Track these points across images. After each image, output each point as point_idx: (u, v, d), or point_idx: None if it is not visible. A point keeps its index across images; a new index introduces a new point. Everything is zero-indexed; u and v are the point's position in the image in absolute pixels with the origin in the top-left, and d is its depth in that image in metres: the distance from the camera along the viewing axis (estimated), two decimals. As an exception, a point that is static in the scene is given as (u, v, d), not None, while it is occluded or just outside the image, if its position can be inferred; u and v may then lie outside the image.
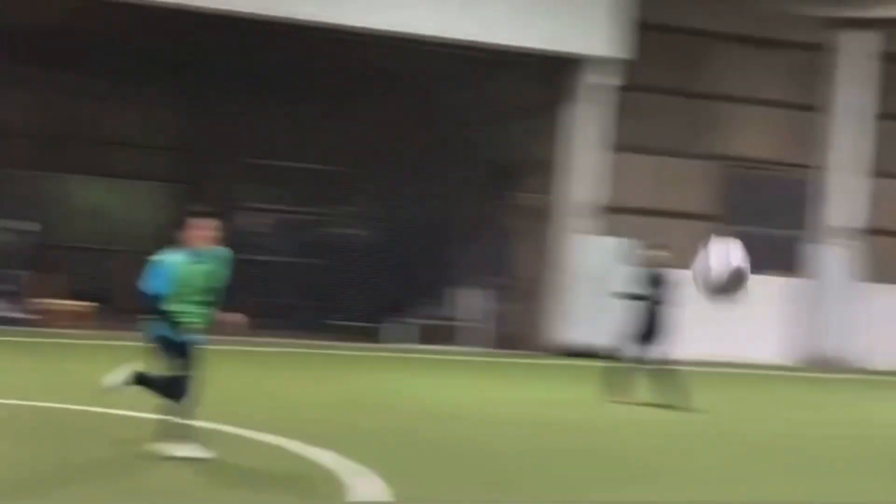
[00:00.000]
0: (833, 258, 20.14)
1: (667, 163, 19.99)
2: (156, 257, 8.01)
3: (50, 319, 18.05)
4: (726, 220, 20.05)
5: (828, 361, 19.79)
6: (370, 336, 19.54)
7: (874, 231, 20.57)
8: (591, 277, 18.08)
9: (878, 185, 20.63)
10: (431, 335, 19.44)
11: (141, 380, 8.24)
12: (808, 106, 20.52)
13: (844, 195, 20.28)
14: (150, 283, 7.98)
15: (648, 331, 12.41)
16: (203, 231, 8.03)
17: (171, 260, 8.00)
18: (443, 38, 17.88)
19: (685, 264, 11.47)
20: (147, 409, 8.64)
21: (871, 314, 20.12)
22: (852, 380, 18.64)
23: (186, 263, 8.00)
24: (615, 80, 18.58)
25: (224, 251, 8.18)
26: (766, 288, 20.20)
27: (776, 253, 20.66)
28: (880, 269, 20.35)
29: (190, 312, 8.02)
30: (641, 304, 12.40)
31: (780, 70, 20.51)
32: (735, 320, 19.62)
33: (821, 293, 20.01)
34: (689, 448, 10.64)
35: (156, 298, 7.95)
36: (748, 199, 20.65)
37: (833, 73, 20.39)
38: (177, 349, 8.01)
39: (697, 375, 16.53)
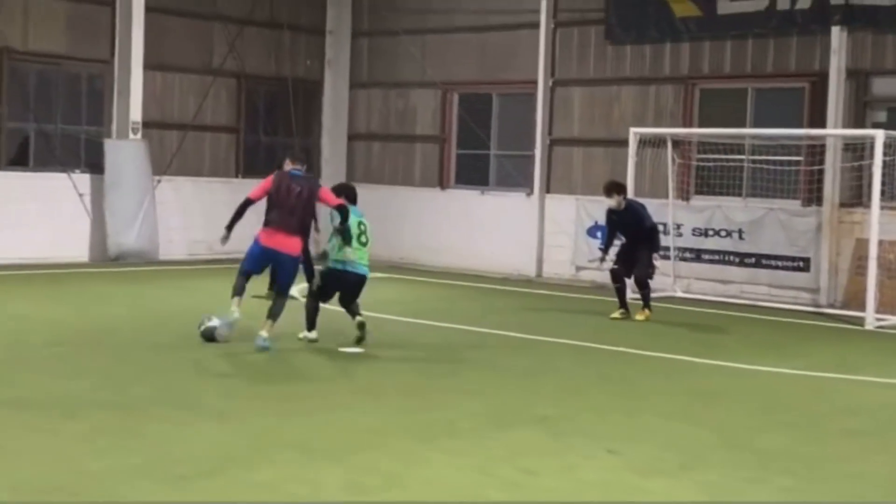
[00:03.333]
0: (128, 152, 20.20)
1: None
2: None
3: None
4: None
5: (127, 255, 19.98)
6: None
7: (157, 124, 20.95)
8: None
9: (157, 78, 20.99)
10: None
11: None
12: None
13: (134, 89, 20.33)
14: None
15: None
16: None
17: None
18: None
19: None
20: None
21: (163, 207, 20.64)
22: (150, 271, 19.07)
23: None
24: None
25: None
26: (63, 185, 19.92)
27: (73, 150, 20.34)
28: (163, 163, 20.94)
29: None
30: None
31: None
32: (35, 222, 19.26)
33: (117, 188, 20.03)
34: None
35: None
36: (39, 95, 19.98)
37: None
38: None
39: (8, 279, 16.23)
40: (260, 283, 13.44)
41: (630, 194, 17.64)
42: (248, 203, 11.87)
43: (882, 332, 15.19)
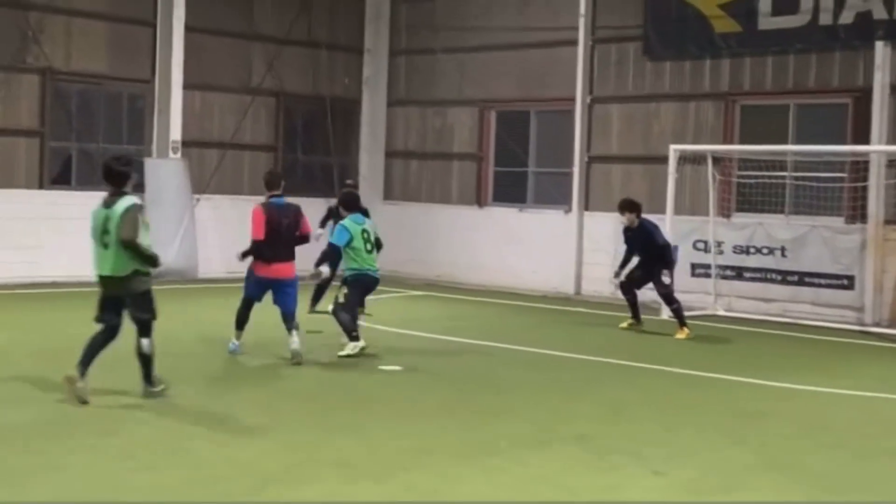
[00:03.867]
0: (168, 171, 20.31)
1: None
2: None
3: None
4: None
5: (166, 273, 20.02)
6: None
7: (196, 143, 21.04)
8: None
9: (197, 98, 21.09)
10: None
11: None
12: (135, 19, 20.44)
13: (174, 108, 20.47)
14: None
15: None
16: None
17: None
18: None
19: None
20: None
21: (202, 225, 20.70)
22: (190, 289, 19.14)
23: None
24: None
25: None
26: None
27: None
28: (202, 181, 21.05)
29: None
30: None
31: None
32: (77, 240, 19.39)
33: (157, 206, 20.11)
34: None
35: None
36: (81, 114, 20.15)
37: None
38: None
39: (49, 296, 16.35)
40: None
41: (669, 211, 17.57)
42: (261, 244, 12.18)
43: (928, 351, 14.99)
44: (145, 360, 9.97)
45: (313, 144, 23.06)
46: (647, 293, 16.16)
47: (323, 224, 16.56)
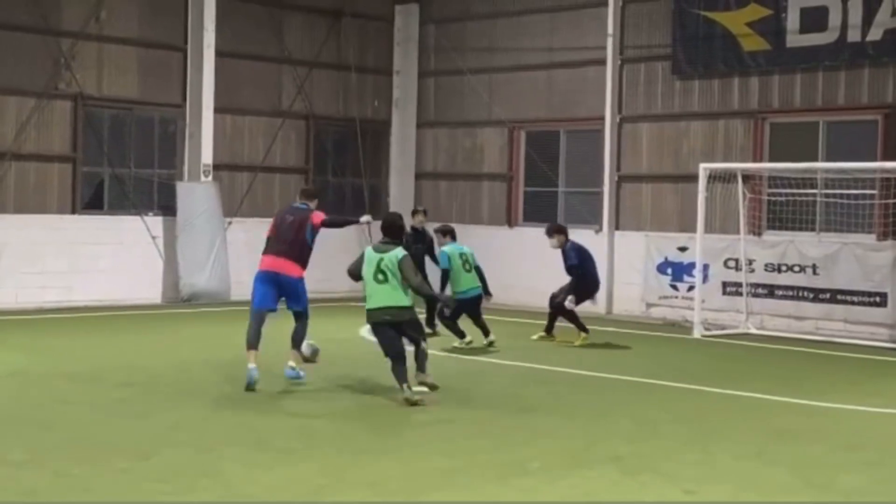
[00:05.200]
0: (199, 194, 20.46)
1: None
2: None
3: None
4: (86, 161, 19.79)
5: (198, 296, 20.18)
6: None
7: (227, 167, 21.23)
8: None
9: (227, 121, 21.27)
10: None
11: None
12: (165, 44, 20.65)
13: (205, 132, 20.64)
14: None
15: None
16: None
17: None
18: None
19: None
20: None
21: (234, 248, 20.78)
22: (222, 312, 19.23)
23: None
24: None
25: None
26: (136, 227, 20.21)
27: (146, 193, 20.65)
28: (233, 204, 21.22)
29: None
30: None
31: (135, 6, 20.36)
32: (110, 264, 19.56)
33: (189, 230, 20.27)
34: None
35: None
36: (113, 139, 20.34)
37: (187, 11, 20.68)
38: None
39: (82, 321, 16.50)
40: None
41: (700, 230, 17.53)
42: (267, 239, 12.50)
43: (963, 368, 14.86)
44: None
45: (344, 166, 23.18)
46: (661, 310, 16.06)
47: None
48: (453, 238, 16.42)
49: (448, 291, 15.70)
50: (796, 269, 18.22)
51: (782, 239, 18.45)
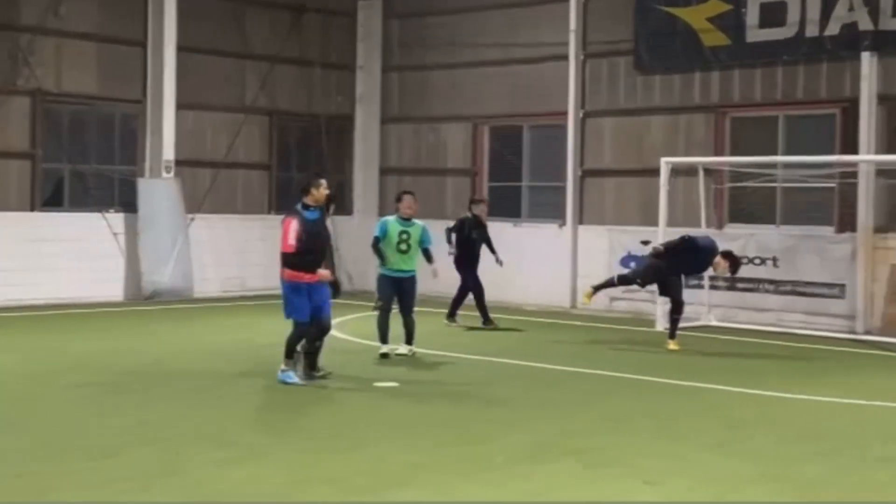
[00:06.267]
0: (161, 191, 20.37)
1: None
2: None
3: None
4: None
5: (161, 293, 20.11)
6: None
7: (189, 163, 21.11)
8: None
9: (189, 117, 21.18)
10: None
11: None
12: (126, 39, 20.53)
13: (167, 128, 20.53)
14: None
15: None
16: None
17: None
18: None
19: None
20: None
21: (196, 245, 20.76)
22: (185, 309, 19.17)
23: None
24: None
25: None
26: (98, 224, 20.09)
27: (107, 189, 20.53)
28: (196, 201, 21.11)
29: None
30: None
31: (94, 1, 20.23)
32: (71, 261, 19.44)
33: (151, 227, 20.19)
34: None
35: None
36: (73, 136, 20.21)
37: (147, 5, 20.57)
38: None
39: (43, 319, 16.42)
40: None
41: (662, 223, 17.65)
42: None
43: (920, 359, 15.06)
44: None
45: (307, 162, 23.13)
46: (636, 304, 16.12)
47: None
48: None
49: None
50: (757, 261, 18.38)
51: (743, 232, 18.61)
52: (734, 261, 15.44)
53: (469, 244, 17.81)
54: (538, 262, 20.80)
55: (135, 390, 11.47)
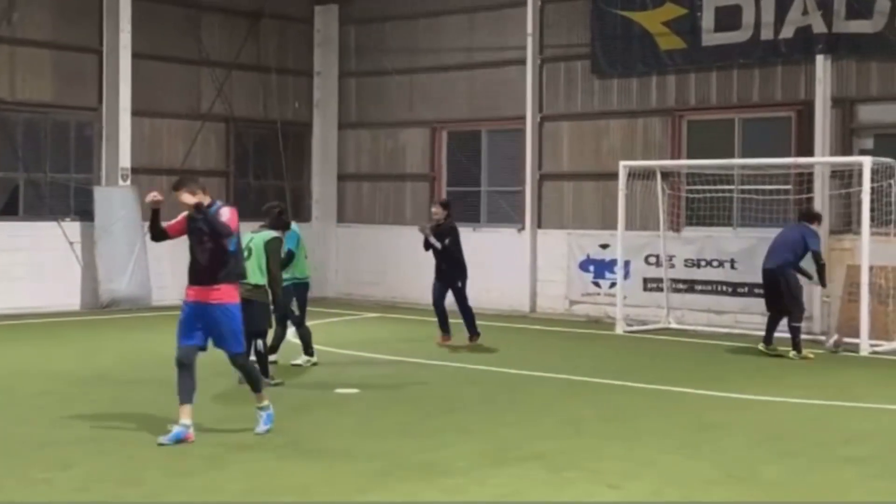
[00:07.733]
0: (118, 199, 20.19)
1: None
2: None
3: None
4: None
5: (118, 302, 19.92)
6: None
7: (146, 170, 20.90)
8: None
9: (146, 124, 21.02)
10: None
11: None
12: (80, 46, 20.34)
13: (123, 136, 20.35)
14: None
15: None
16: None
17: None
18: None
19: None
20: None
21: (154, 253, 20.58)
22: (143, 317, 19.01)
23: None
24: None
25: None
26: (53, 233, 19.90)
27: (63, 198, 20.33)
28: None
29: None
30: None
31: (48, 8, 20.04)
32: (26, 270, 19.22)
33: (108, 235, 20.00)
34: None
35: None
36: (28, 144, 20.00)
37: (102, 12, 20.40)
38: None
39: None
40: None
41: (621, 227, 17.70)
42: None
43: (877, 359, 15.17)
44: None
45: (265, 169, 23.03)
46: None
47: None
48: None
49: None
50: (715, 263, 18.47)
51: (701, 235, 18.70)
52: None
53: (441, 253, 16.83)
54: (498, 267, 20.78)
55: (90, 400, 11.34)
